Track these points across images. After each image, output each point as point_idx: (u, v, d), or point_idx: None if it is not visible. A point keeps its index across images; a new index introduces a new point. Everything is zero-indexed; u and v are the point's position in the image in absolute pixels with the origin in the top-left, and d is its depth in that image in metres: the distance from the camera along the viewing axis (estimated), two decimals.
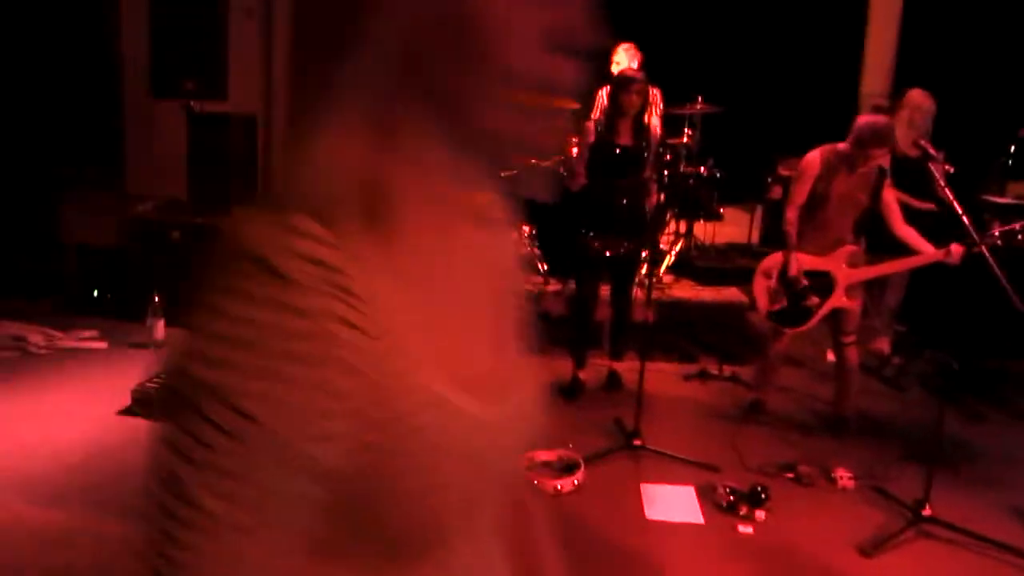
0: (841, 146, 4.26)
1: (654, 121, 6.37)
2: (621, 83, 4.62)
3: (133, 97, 6.94)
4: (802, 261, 4.38)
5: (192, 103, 6.11)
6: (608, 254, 4.73)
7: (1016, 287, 3.74)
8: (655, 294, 5.14)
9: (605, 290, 4.97)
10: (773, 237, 4.61)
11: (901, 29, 7.89)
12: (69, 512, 3.41)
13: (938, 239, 4.23)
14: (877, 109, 4.22)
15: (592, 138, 4.68)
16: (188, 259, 5.80)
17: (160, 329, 5.40)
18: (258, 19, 7.96)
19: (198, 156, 6.11)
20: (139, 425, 4.23)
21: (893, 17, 7.90)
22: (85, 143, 6.94)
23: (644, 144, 4.71)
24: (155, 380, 4.45)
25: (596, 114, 5.26)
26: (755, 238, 7.57)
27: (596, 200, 4.73)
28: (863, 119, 4.21)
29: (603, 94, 5.66)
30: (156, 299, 5.35)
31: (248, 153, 6.64)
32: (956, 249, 3.99)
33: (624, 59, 6.19)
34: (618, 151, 4.64)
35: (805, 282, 4.36)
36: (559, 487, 3.74)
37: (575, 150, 4.80)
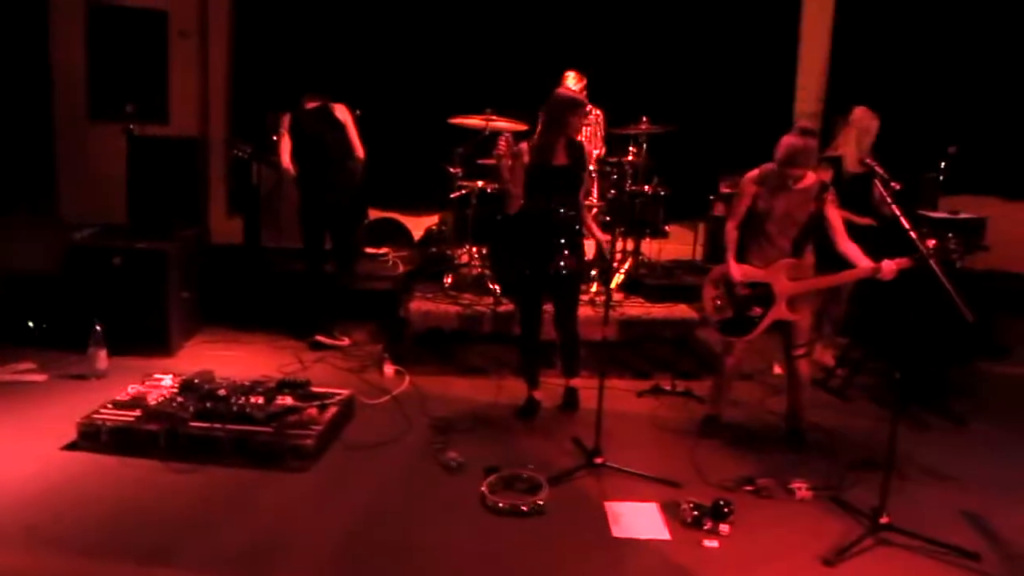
0: (773, 165, 4.38)
1: (589, 141, 6.47)
2: (562, 104, 4.59)
3: (67, 120, 6.75)
4: (745, 272, 4.48)
5: (132, 126, 5.96)
6: (544, 274, 4.68)
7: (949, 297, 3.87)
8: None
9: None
10: (717, 253, 4.70)
11: (832, 50, 8.16)
12: (13, 554, 3.26)
13: (881, 253, 4.35)
14: (803, 131, 4.31)
15: (527, 159, 4.65)
16: (131, 286, 5.65)
17: (103, 359, 5.23)
18: (195, 41, 7.85)
19: (138, 180, 5.97)
20: (86, 460, 4.09)
21: (823, 39, 8.18)
22: (14, 167, 6.71)
23: (579, 164, 4.68)
24: (103, 410, 4.30)
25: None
26: (699, 254, 7.71)
27: (532, 221, 4.69)
28: (783, 140, 4.32)
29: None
30: (97, 328, 5.18)
31: (189, 176, 6.52)
32: (887, 266, 4.11)
33: (573, 85, 6.28)
34: (553, 172, 4.61)
35: (746, 290, 4.45)
36: (524, 508, 3.73)
37: (509, 171, 4.73)
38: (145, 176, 6.01)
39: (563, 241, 4.64)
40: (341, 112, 5.77)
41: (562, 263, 4.64)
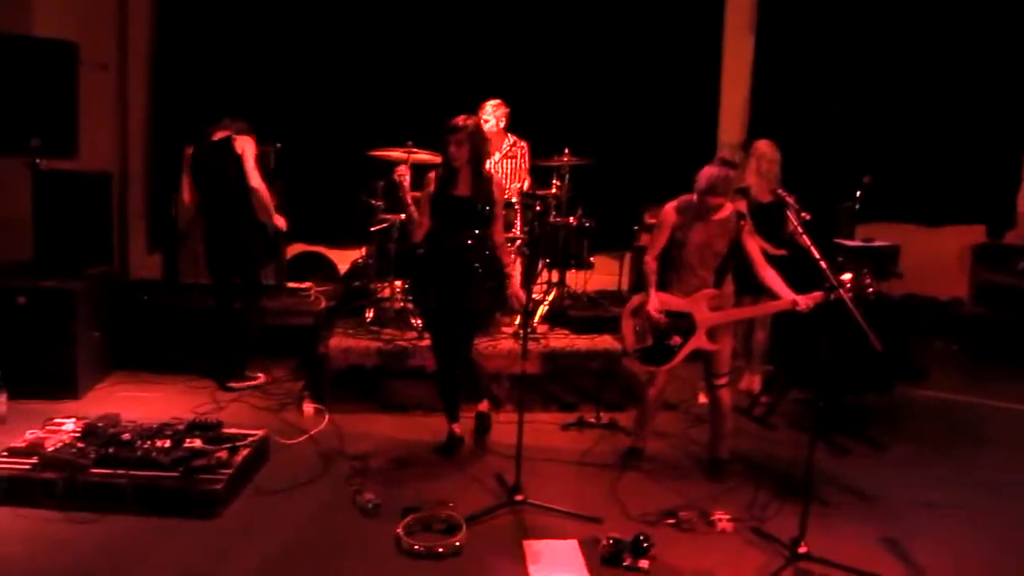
0: (692, 196, 4.42)
1: (513, 173, 6.45)
2: (443, 133, 4.49)
3: None
4: (666, 301, 4.48)
5: (38, 160, 5.73)
6: (451, 307, 4.59)
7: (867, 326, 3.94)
8: (531, 345, 5.11)
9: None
10: (642, 284, 4.71)
11: (752, 83, 8.33)
12: None
13: (796, 282, 4.41)
14: (723, 162, 4.38)
15: (432, 188, 4.57)
16: (36, 326, 5.41)
17: (2, 403, 4.99)
18: (114, 72, 7.65)
19: (45, 216, 5.73)
20: None
21: (744, 72, 8.35)
22: None
23: (483, 197, 4.54)
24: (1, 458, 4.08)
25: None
26: (625, 284, 7.74)
27: (438, 253, 4.60)
28: (704, 171, 4.37)
29: None
30: None
31: (101, 212, 6.30)
32: (803, 301, 4.18)
33: (491, 114, 6.26)
34: (455, 203, 4.52)
35: (664, 320, 4.45)
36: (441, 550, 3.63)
37: (414, 201, 4.64)
38: (53, 212, 5.77)
39: (469, 275, 4.54)
40: (241, 143, 5.64)
41: (459, 295, 4.54)
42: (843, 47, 8.02)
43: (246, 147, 5.65)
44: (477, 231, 4.55)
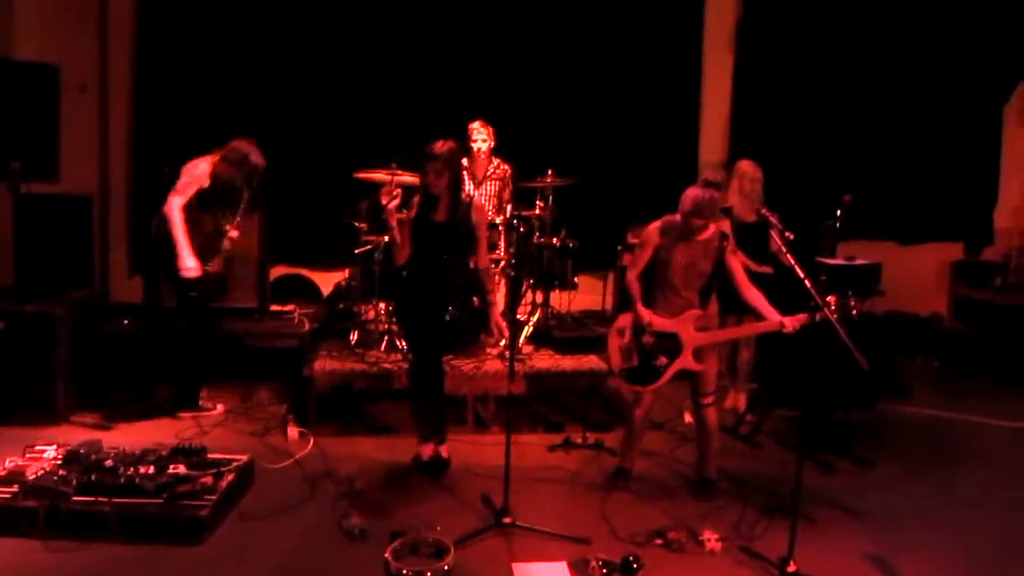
0: (676, 217, 4.45)
1: (496, 196, 6.47)
2: (421, 161, 4.50)
3: None
4: (652, 321, 4.50)
5: (19, 183, 5.69)
6: (426, 329, 4.60)
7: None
8: (516, 366, 5.11)
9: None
10: (626, 303, 4.73)
11: (732, 103, 8.43)
12: None
13: (780, 300, 4.44)
14: (707, 183, 4.41)
15: (414, 212, 4.57)
16: (15, 351, 5.35)
17: None
18: (95, 95, 7.62)
19: (26, 240, 5.69)
20: None
21: (724, 92, 8.44)
22: None
23: (464, 222, 4.53)
24: None
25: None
26: (609, 304, 7.76)
27: (418, 277, 4.60)
28: (688, 192, 4.40)
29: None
30: None
31: (83, 236, 6.26)
32: (789, 322, 4.22)
33: (477, 135, 6.29)
34: (435, 228, 4.53)
35: (653, 339, 4.47)
36: None
37: (398, 223, 4.61)
38: (34, 235, 5.73)
39: (447, 300, 4.53)
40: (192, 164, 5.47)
41: (434, 319, 4.53)
42: (822, 66, 8.12)
43: (189, 167, 5.44)
44: (457, 256, 4.55)
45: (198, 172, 5.40)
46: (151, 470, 4.15)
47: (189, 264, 5.36)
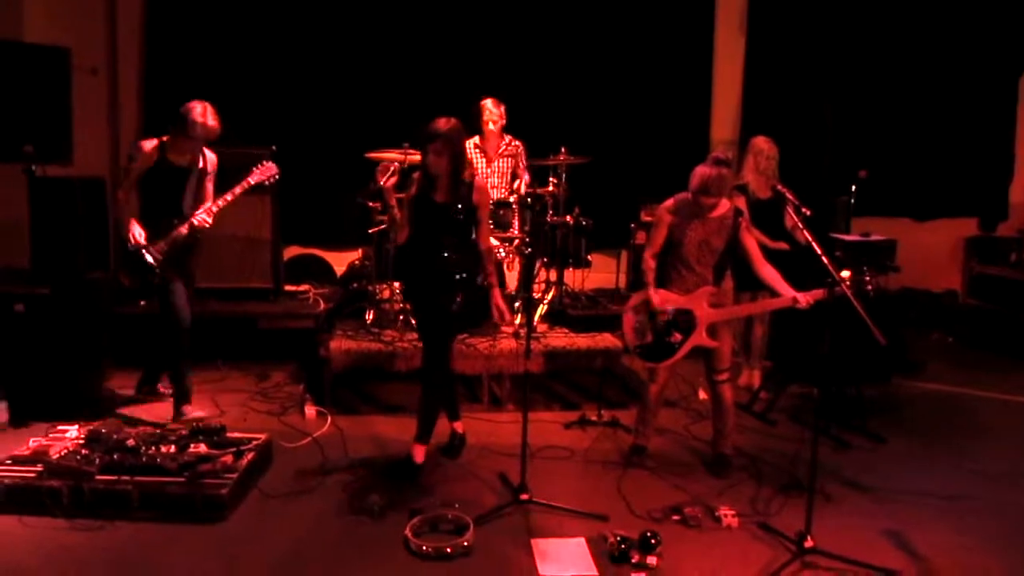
0: (687, 195, 4.44)
1: (509, 172, 6.45)
2: (422, 140, 4.30)
3: None
4: (665, 299, 4.50)
5: (33, 167, 5.70)
6: (429, 310, 4.50)
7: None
8: (532, 344, 5.11)
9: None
10: (640, 281, 4.73)
11: (744, 79, 8.38)
12: None
13: (795, 276, 4.44)
14: (717, 161, 4.37)
15: (414, 191, 4.43)
16: (34, 333, 5.38)
17: (2, 412, 4.96)
18: (105, 77, 7.63)
19: (41, 222, 5.71)
20: None
21: (736, 69, 8.39)
22: None
23: (465, 203, 4.34)
24: (1, 467, 4.06)
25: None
26: (623, 283, 7.77)
27: (412, 256, 4.51)
28: (697, 171, 4.38)
29: (469, 145, 5.67)
30: None
31: (97, 217, 6.28)
32: (804, 298, 4.22)
33: (489, 113, 6.27)
34: (435, 208, 4.36)
35: (667, 316, 4.47)
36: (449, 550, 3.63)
37: (397, 203, 4.56)
38: (49, 218, 5.74)
39: (447, 282, 4.40)
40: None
41: (434, 301, 4.42)
42: (834, 43, 8.07)
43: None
44: (457, 237, 4.41)
45: (145, 151, 5.15)
46: (172, 449, 4.20)
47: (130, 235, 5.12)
